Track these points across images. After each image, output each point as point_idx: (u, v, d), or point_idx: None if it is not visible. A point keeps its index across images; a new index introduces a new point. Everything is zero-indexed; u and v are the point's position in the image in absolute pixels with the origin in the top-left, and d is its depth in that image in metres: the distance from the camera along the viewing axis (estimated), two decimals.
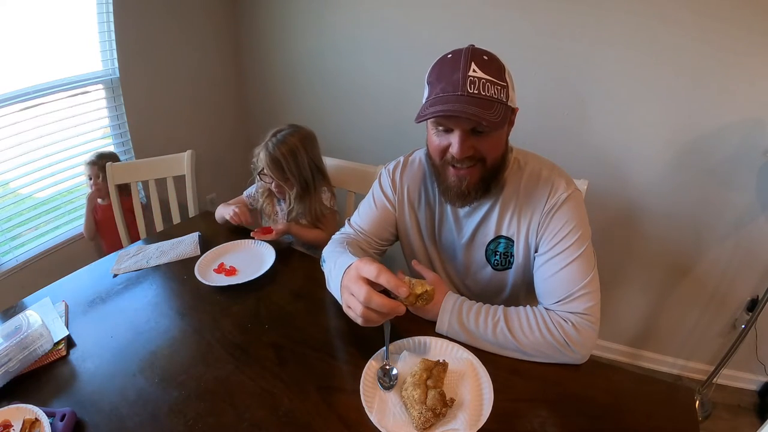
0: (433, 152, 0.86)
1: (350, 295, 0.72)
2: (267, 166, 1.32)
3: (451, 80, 0.76)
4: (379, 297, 0.69)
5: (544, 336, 0.80)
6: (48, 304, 1.01)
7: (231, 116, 2.43)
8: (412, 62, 1.81)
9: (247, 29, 2.24)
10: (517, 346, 0.81)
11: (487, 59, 0.77)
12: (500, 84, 0.77)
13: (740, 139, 1.41)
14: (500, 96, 0.76)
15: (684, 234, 1.61)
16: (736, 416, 1.66)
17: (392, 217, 1.04)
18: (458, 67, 0.75)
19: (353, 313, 0.72)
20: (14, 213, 1.65)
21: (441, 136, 0.82)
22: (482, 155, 0.82)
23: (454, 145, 0.79)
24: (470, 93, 0.74)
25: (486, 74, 0.75)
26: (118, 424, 0.73)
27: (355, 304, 0.71)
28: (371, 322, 0.71)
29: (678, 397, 0.76)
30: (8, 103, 1.53)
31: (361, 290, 0.69)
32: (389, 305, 0.69)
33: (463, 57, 0.76)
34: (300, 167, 1.33)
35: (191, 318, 0.99)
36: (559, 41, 1.54)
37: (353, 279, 0.72)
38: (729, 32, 1.31)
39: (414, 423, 0.68)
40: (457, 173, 0.84)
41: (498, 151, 0.84)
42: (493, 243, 0.95)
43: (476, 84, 0.74)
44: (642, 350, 1.90)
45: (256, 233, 1.25)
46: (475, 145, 0.80)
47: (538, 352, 0.81)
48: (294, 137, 1.33)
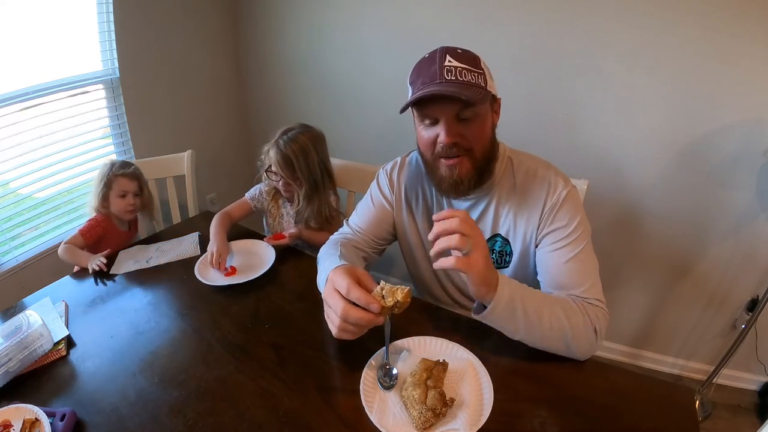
0: (423, 147, 0.87)
1: (328, 307, 0.73)
2: (277, 164, 1.30)
3: (429, 72, 0.79)
4: (356, 311, 0.69)
5: (587, 314, 0.79)
6: (48, 304, 1.01)
7: (231, 116, 2.42)
8: (412, 62, 1.80)
9: (247, 29, 2.24)
10: (567, 327, 0.77)
11: (461, 52, 0.81)
12: (476, 71, 0.80)
13: (740, 139, 1.41)
14: (478, 81, 0.79)
15: (684, 234, 1.61)
16: (736, 416, 1.66)
17: (390, 216, 1.04)
18: (434, 61, 0.79)
19: (332, 327, 0.73)
20: (14, 213, 1.65)
21: (428, 129, 0.84)
22: (470, 144, 0.83)
23: (441, 133, 0.81)
24: (448, 79, 0.77)
25: (461, 63, 0.79)
26: (118, 424, 0.73)
27: (333, 317, 0.72)
28: (348, 334, 0.72)
29: (678, 397, 0.76)
30: (8, 103, 1.52)
31: (338, 305, 0.70)
32: (366, 318, 0.69)
33: (438, 52, 0.81)
34: (310, 166, 1.32)
35: (191, 318, 0.99)
36: (559, 41, 1.54)
37: (329, 292, 0.73)
38: (729, 32, 1.31)
39: (414, 423, 0.68)
40: (448, 163, 0.84)
41: (485, 138, 0.85)
42: (489, 242, 0.95)
43: (453, 72, 0.78)
44: (642, 350, 1.90)
45: (269, 239, 1.25)
46: (462, 131, 0.81)
47: (579, 334, 0.78)
48: (305, 136, 1.32)
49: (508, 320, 0.77)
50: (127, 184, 1.42)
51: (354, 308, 0.69)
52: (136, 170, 1.47)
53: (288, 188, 1.37)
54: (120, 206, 1.42)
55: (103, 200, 1.41)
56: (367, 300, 0.69)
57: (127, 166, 1.45)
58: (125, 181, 1.42)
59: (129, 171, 1.44)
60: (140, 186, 1.46)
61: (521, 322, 0.76)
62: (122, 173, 1.42)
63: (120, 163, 1.45)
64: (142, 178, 1.49)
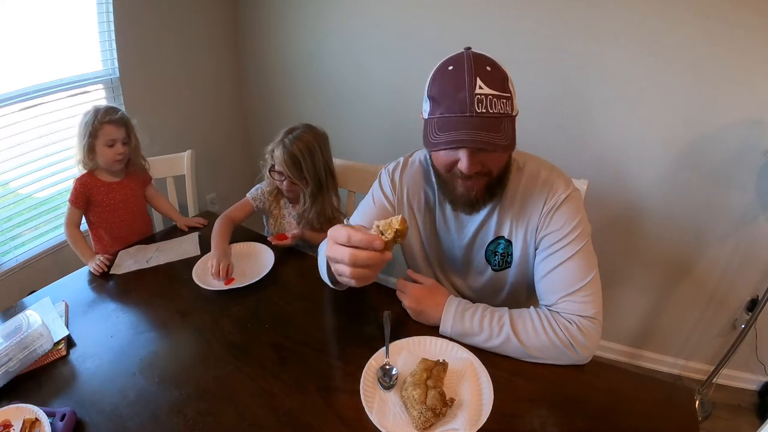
0: (439, 166, 0.85)
1: (336, 262, 0.71)
2: (283, 163, 1.29)
3: (457, 99, 0.73)
4: (363, 253, 0.68)
5: (550, 338, 0.80)
6: (48, 304, 1.01)
7: (231, 116, 2.43)
8: (412, 62, 1.81)
9: (247, 29, 2.24)
10: (523, 349, 0.81)
11: (491, 70, 0.75)
12: (505, 96, 0.75)
13: (740, 139, 1.41)
14: (506, 110, 0.75)
15: (684, 234, 1.61)
16: (736, 416, 1.66)
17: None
18: (463, 84, 0.73)
19: (345, 278, 0.71)
20: (14, 213, 1.65)
21: (448, 153, 0.81)
22: (489, 169, 0.82)
23: (463, 163, 0.78)
24: (478, 113, 0.72)
25: (491, 89, 0.73)
26: (118, 424, 0.73)
27: (343, 269, 0.70)
28: (365, 278, 0.70)
29: (678, 397, 0.76)
30: (8, 103, 1.52)
31: (344, 253, 0.68)
32: (374, 257, 0.68)
33: (466, 72, 0.73)
34: (316, 166, 1.32)
35: (191, 318, 0.99)
36: (559, 41, 1.54)
37: (331, 247, 0.71)
38: (729, 32, 1.31)
39: (414, 423, 0.68)
40: (465, 184, 0.83)
41: (504, 162, 0.84)
42: (492, 244, 0.95)
43: (483, 103, 0.73)
44: (642, 350, 1.90)
45: (273, 239, 1.25)
46: (483, 161, 0.80)
47: (543, 354, 0.81)
48: (309, 135, 1.32)
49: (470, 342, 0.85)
50: (114, 131, 1.26)
51: (360, 251, 0.68)
52: (123, 116, 1.31)
53: (292, 188, 1.36)
54: (107, 157, 1.28)
55: (89, 152, 1.27)
56: (370, 239, 0.68)
57: (114, 112, 1.28)
58: (112, 128, 1.26)
59: (116, 117, 1.27)
60: (128, 133, 1.31)
61: (481, 346, 0.85)
62: (109, 120, 1.25)
63: (105, 109, 1.28)
64: (130, 123, 1.33)
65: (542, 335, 0.81)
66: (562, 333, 0.80)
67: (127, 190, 1.39)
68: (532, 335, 0.81)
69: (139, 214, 1.45)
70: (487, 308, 0.87)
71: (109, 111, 1.28)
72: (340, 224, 0.73)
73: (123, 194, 1.38)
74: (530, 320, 0.83)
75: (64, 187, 1.77)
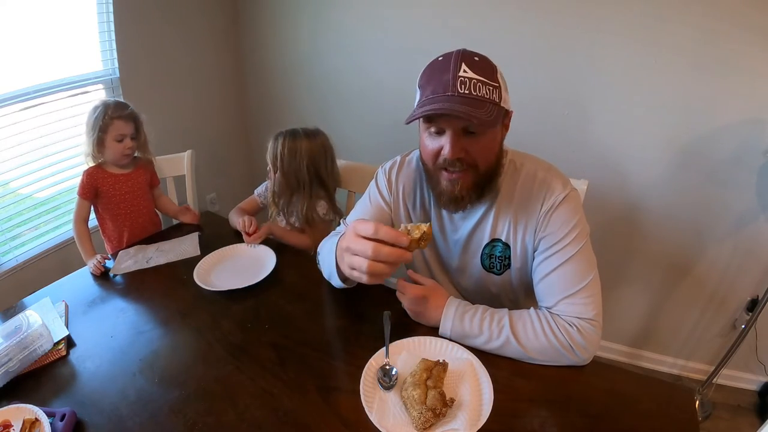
0: (426, 156, 0.85)
1: (352, 255, 0.70)
2: (268, 155, 1.35)
3: (441, 81, 0.75)
4: (387, 248, 0.67)
5: (549, 341, 0.80)
6: (48, 304, 1.01)
7: (231, 116, 2.43)
8: (412, 61, 1.79)
9: (247, 29, 2.24)
10: (523, 351, 0.81)
11: (478, 60, 0.77)
12: (492, 84, 0.76)
13: (740, 139, 1.41)
14: (492, 96, 0.76)
15: (684, 234, 1.61)
16: (736, 416, 1.66)
17: (387, 216, 1.03)
18: (448, 69, 0.75)
19: (358, 273, 0.70)
20: (14, 213, 1.65)
21: (433, 139, 0.81)
22: (474, 160, 0.81)
23: (446, 146, 0.78)
24: (461, 93, 0.74)
25: (477, 74, 0.75)
26: (118, 424, 0.73)
27: (359, 262, 0.68)
28: (380, 275, 0.69)
29: (678, 397, 0.76)
30: (8, 103, 1.52)
31: (366, 245, 0.67)
32: (396, 253, 0.67)
33: (453, 58, 0.76)
34: (296, 167, 1.34)
35: (191, 318, 0.99)
36: (558, 41, 1.54)
37: (352, 239, 0.69)
38: (729, 33, 1.31)
39: (414, 423, 0.68)
40: (450, 177, 0.83)
41: (491, 154, 0.83)
42: (488, 246, 0.94)
43: (467, 84, 0.74)
44: (642, 350, 1.90)
45: (245, 238, 1.27)
46: (467, 147, 0.79)
47: (543, 356, 0.81)
48: (304, 141, 1.34)
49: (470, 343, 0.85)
50: (124, 127, 1.29)
51: (384, 246, 0.67)
52: (133, 111, 1.33)
53: (272, 177, 1.40)
54: (116, 151, 1.30)
55: (98, 146, 1.29)
56: (397, 235, 0.67)
57: (124, 108, 1.31)
58: (122, 124, 1.29)
59: (126, 113, 1.30)
60: (137, 128, 1.34)
61: (481, 347, 0.84)
62: (119, 116, 1.28)
63: (115, 104, 1.30)
64: (139, 119, 1.35)
65: (542, 338, 0.80)
66: (561, 335, 0.80)
67: (134, 183, 1.40)
68: (532, 337, 0.81)
69: (146, 206, 1.46)
70: (487, 310, 0.86)
71: (119, 106, 1.30)
72: (361, 219, 0.72)
73: (130, 186, 1.39)
74: (530, 322, 0.83)
75: (64, 187, 1.77)
